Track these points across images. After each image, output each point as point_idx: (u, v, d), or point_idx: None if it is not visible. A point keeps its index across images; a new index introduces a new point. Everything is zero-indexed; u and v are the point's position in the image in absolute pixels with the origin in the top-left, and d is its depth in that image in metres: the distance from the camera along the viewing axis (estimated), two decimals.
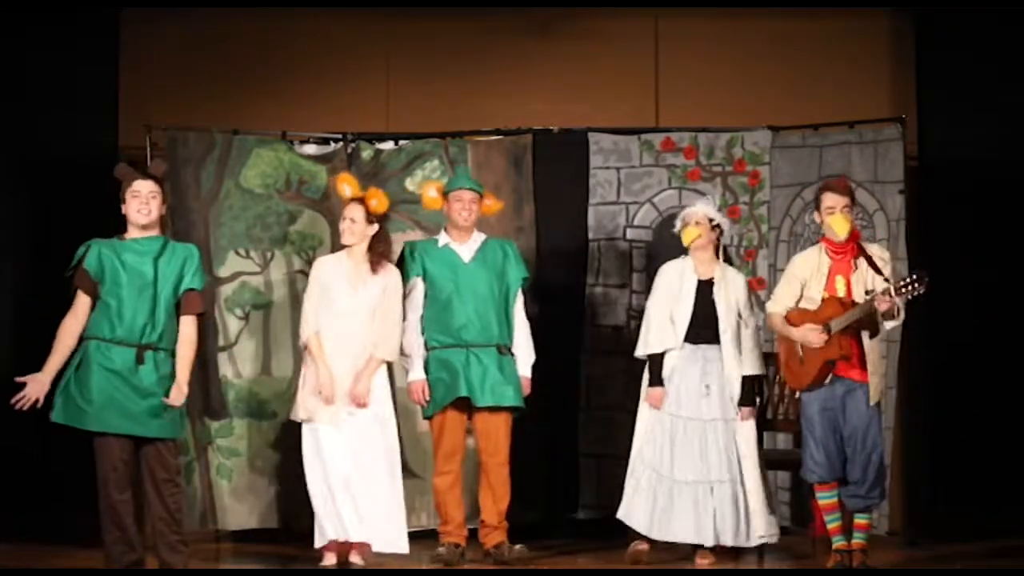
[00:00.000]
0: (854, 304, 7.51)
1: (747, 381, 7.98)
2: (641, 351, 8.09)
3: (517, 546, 8.01)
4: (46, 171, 9.45)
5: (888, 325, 7.57)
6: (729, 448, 7.90)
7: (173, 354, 7.17)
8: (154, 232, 7.24)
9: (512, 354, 8.07)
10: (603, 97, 9.70)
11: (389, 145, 9.17)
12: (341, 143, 9.11)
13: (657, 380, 7.99)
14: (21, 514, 9.09)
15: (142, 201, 7.18)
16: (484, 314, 8.01)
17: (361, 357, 7.84)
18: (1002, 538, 8.54)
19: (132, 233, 7.23)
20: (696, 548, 7.93)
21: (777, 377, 8.57)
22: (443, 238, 8.17)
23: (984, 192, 9.40)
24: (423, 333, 8.05)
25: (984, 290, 9.24)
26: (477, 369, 7.95)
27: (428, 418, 8.09)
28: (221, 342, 8.80)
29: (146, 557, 7.20)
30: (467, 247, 8.11)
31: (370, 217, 7.91)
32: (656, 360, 8.01)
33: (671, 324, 7.99)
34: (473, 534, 8.13)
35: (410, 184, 9.11)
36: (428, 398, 8.01)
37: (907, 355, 8.45)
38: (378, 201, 7.97)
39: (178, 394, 7.13)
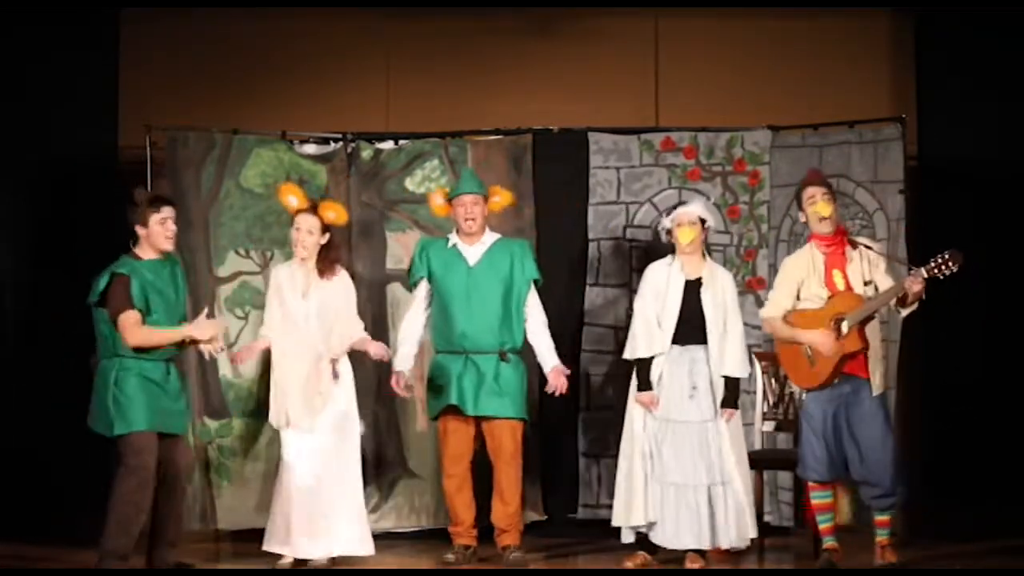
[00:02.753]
0: (868, 297, 7.50)
1: (731, 382, 7.87)
2: (629, 354, 7.99)
3: (514, 555, 8.00)
4: (46, 171, 9.45)
5: (904, 312, 7.55)
6: (717, 449, 7.84)
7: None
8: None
9: (515, 358, 8.04)
10: (603, 97, 9.70)
11: (389, 145, 9.17)
12: (341, 143, 9.11)
13: (646, 384, 7.90)
14: (22, 515, 9.08)
15: (169, 228, 7.53)
16: (485, 320, 8.00)
17: (315, 364, 7.91)
18: (1002, 538, 8.53)
19: (150, 254, 7.53)
20: (686, 551, 7.86)
21: (769, 379, 8.59)
22: (453, 238, 8.18)
23: (984, 192, 9.39)
24: (429, 333, 8.14)
25: (983, 290, 9.23)
26: (472, 378, 7.97)
27: (434, 419, 8.13)
28: (221, 342, 8.79)
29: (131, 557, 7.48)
30: (474, 249, 8.12)
31: (324, 227, 7.98)
32: (644, 364, 7.92)
33: (658, 327, 7.90)
34: (490, 533, 8.15)
35: (410, 184, 9.11)
36: (427, 401, 8.14)
37: (906, 354, 8.45)
38: (336, 214, 8.07)
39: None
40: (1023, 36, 9.26)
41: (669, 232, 7.99)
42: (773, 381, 8.61)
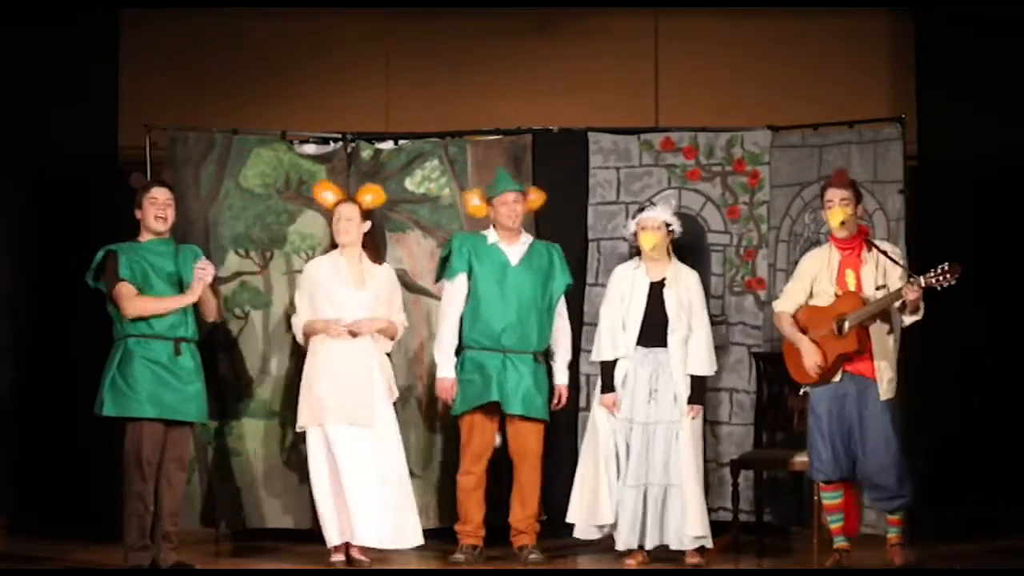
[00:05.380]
0: (870, 300, 7.49)
1: (696, 380, 7.91)
2: (595, 356, 8.07)
3: (532, 555, 8.03)
4: (46, 171, 9.45)
5: (907, 320, 7.53)
6: (676, 451, 7.83)
7: (199, 344, 7.75)
8: (166, 235, 7.73)
9: (546, 362, 8.11)
10: (603, 97, 9.70)
11: (389, 145, 9.17)
12: (341, 143, 9.11)
13: (609, 386, 7.95)
14: (24, 513, 9.10)
15: (160, 207, 7.69)
16: (525, 320, 8.02)
17: (374, 352, 7.96)
18: (1002, 538, 8.53)
19: (147, 236, 7.69)
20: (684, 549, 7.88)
21: (767, 380, 8.61)
22: (492, 236, 8.17)
23: (984, 192, 9.39)
24: (461, 330, 8.09)
25: (983, 290, 9.22)
26: (513, 376, 7.97)
27: (457, 416, 8.12)
28: (221, 342, 8.80)
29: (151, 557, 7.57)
30: (515, 249, 8.13)
31: (364, 214, 8.05)
32: (608, 366, 7.97)
33: (622, 330, 7.95)
34: (505, 533, 8.16)
35: (410, 184, 9.11)
36: (455, 397, 8.10)
37: (905, 354, 8.44)
38: (373, 196, 8.19)
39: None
40: (1023, 36, 9.25)
41: (634, 235, 8.04)
42: (771, 382, 8.62)
